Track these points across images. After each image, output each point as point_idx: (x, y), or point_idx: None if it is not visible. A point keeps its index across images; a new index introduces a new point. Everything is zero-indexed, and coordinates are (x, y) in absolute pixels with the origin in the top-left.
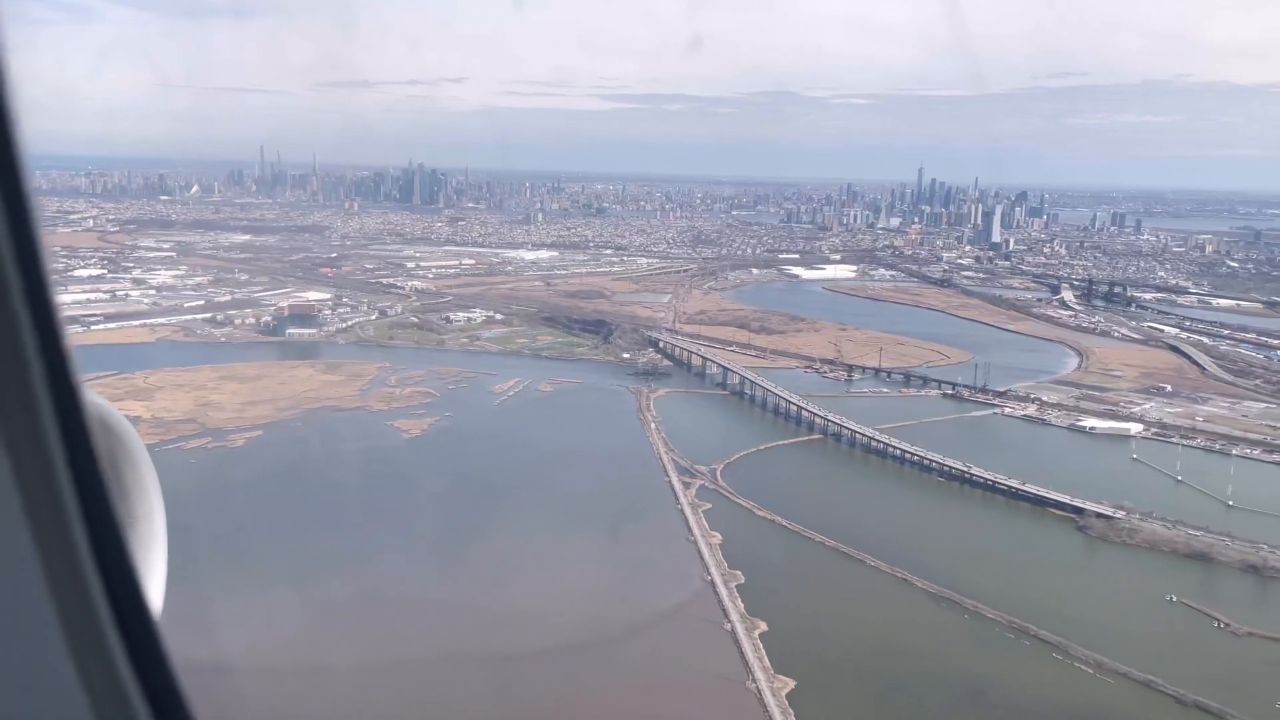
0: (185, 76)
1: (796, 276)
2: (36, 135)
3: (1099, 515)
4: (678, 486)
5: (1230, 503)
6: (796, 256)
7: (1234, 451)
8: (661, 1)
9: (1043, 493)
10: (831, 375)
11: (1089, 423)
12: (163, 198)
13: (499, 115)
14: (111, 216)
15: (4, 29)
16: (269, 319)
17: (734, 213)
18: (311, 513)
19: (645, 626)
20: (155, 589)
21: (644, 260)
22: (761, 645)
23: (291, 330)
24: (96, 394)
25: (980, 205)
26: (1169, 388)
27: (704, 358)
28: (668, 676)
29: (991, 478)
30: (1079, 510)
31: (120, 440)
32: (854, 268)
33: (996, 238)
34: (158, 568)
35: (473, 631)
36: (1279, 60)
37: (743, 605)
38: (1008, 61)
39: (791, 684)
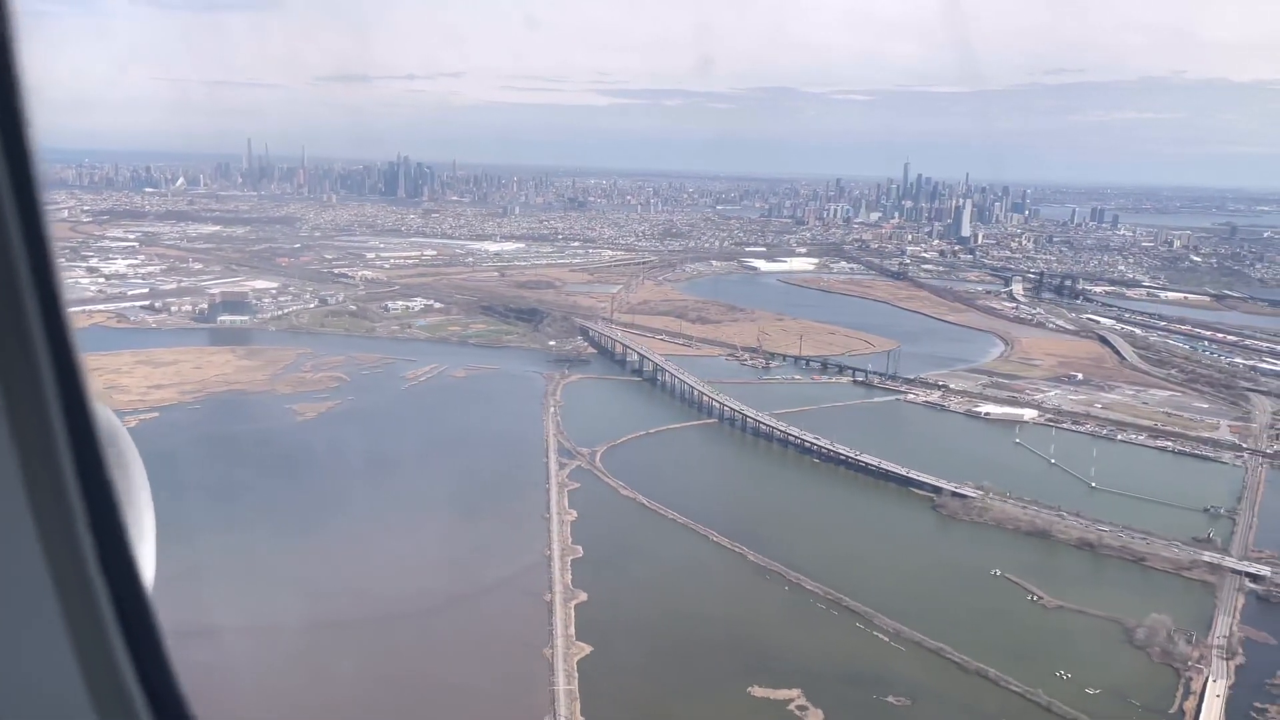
0: (183, 70)
1: (756, 269)
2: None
3: (955, 494)
4: (553, 467)
5: (1093, 484)
6: (763, 250)
7: (1118, 437)
8: None
9: (907, 473)
10: (751, 362)
11: (985, 409)
12: (148, 190)
13: (499, 110)
14: (87, 207)
15: (16, 24)
16: (203, 306)
17: (719, 207)
18: (168, 491)
19: (468, 598)
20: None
21: (609, 253)
22: (573, 614)
23: (223, 317)
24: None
25: (962, 201)
26: (1080, 376)
27: (625, 345)
28: (470, 644)
29: (862, 458)
30: (938, 490)
31: (112, 441)
32: (815, 261)
33: (966, 232)
34: (147, 567)
35: (294, 602)
36: (1277, 57)
37: (570, 578)
38: (1007, 58)
39: (588, 649)
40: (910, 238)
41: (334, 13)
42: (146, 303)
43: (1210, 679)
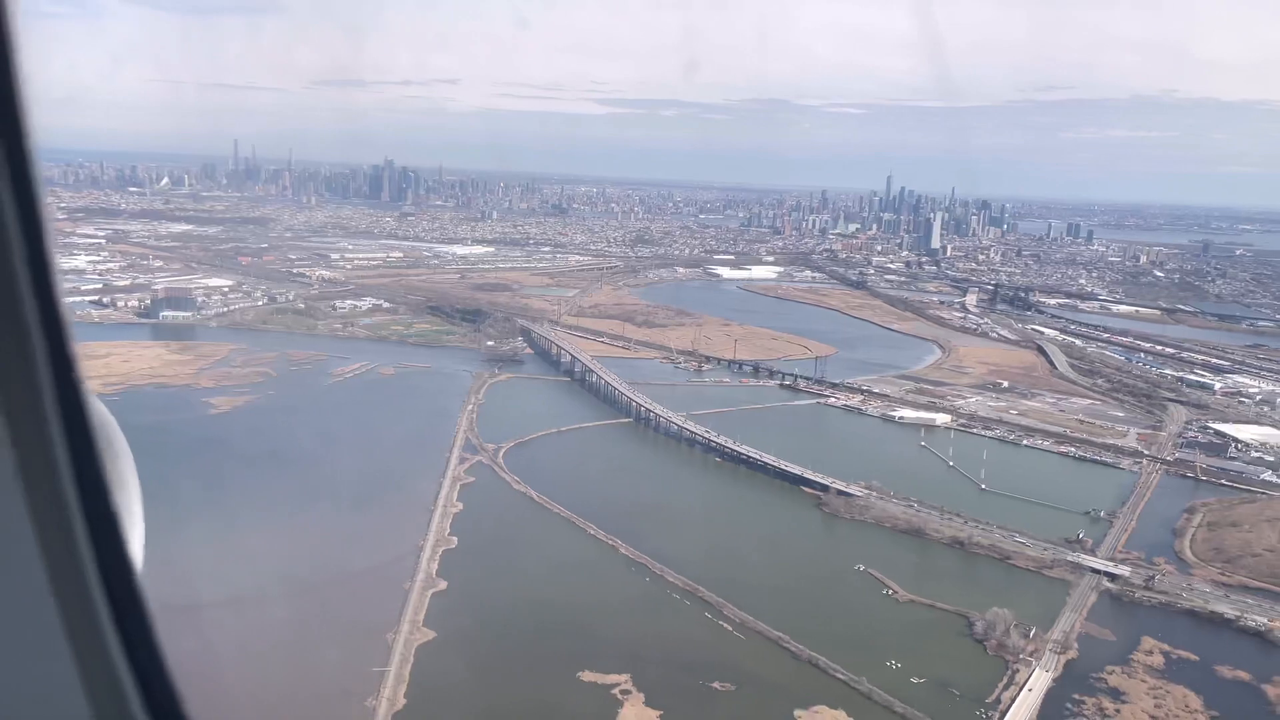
0: (178, 72)
1: (718, 276)
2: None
3: (841, 493)
4: (454, 462)
5: (983, 486)
6: (731, 258)
7: (1024, 442)
8: (656, 8)
9: (800, 472)
10: (685, 365)
11: (900, 413)
12: (131, 189)
13: (495, 117)
14: (64, 204)
15: (16, 25)
16: (146, 302)
17: (701, 216)
18: None
19: (328, 585)
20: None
21: (577, 258)
22: (427, 602)
23: (166, 313)
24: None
25: (933, 214)
26: (1006, 384)
27: (559, 347)
28: (314, 629)
29: (762, 458)
30: (825, 488)
31: (103, 434)
32: (780, 269)
33: (936, 244)
34: (136, 560)
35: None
36: (1266, 77)
37: (436, 567)
38: (999, 75)
39: (431, 635)
40: (880, 249)
41: (330, 17)
42: (96, 298)
43: (1037, 671)
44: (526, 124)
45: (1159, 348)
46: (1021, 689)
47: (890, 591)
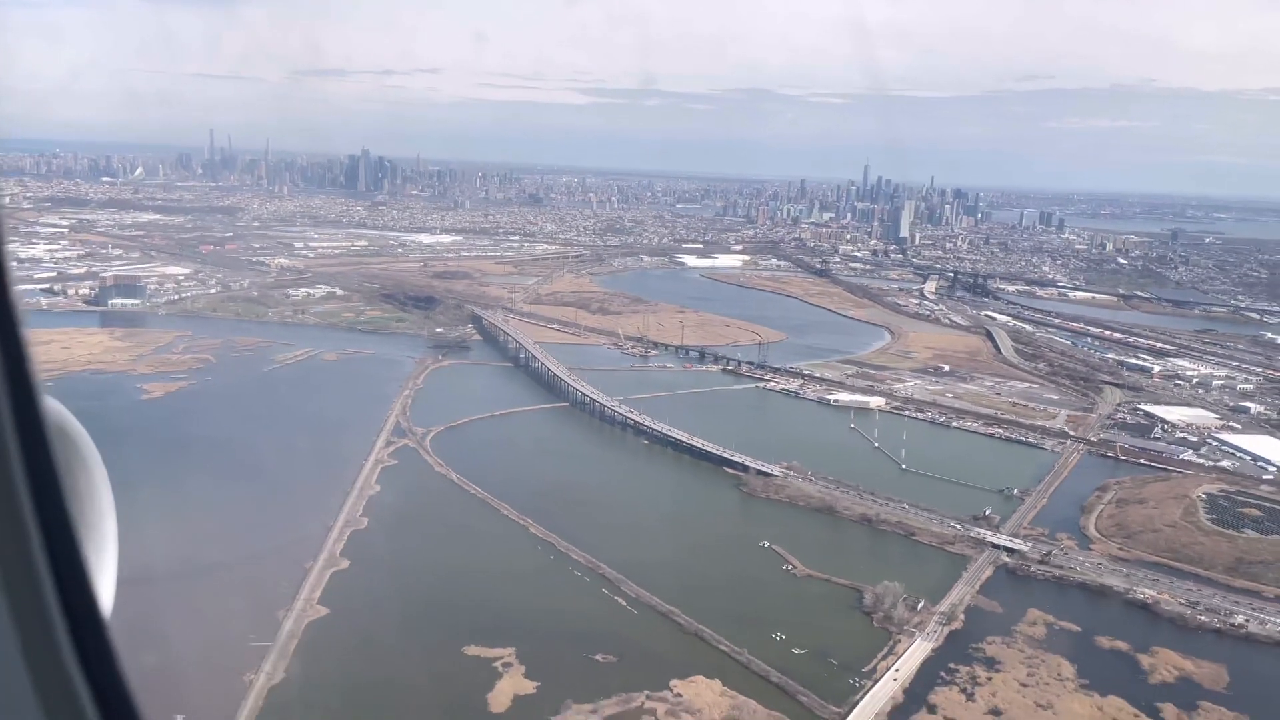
0: (158, 62)
1: (683, 264)
2: (7, 120)
3: (760, 473)
4: (379, 446)
5: (904, 466)
6: (700, 246)
7: (953, 424)
8: None
9: (723, 453)
10: (631, 351)
11: (835, 396)
12: (105, 179)
13: (479, 107)
14: (31, 194)
15: None
16: (96, 290)
17: (678, 205)
18: None
19: (231, 566)
20: (105, 594)
21: (544, 246)
22: (325, 581)
23: (115, 300)
24: (52, 399)
25: (910, 203)
26: (947, 368)
27: (505, 332)
28: (208, 608)
29: (690, 441)
30: (745, 468)
31: (73, 445)
32: (746, 258)
33: (905, 232)
34: (108, 573)
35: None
36: (1246, 67)
37: (341, 547)
38: (979, 64)
39: (324, 612)
40: (849, 237)
41: (311, 7)
42: (48, 286)
43: (919, 642)
44: (511, 115)
45: (1107, 333)
46: (899, 659)
47: (790, 567)
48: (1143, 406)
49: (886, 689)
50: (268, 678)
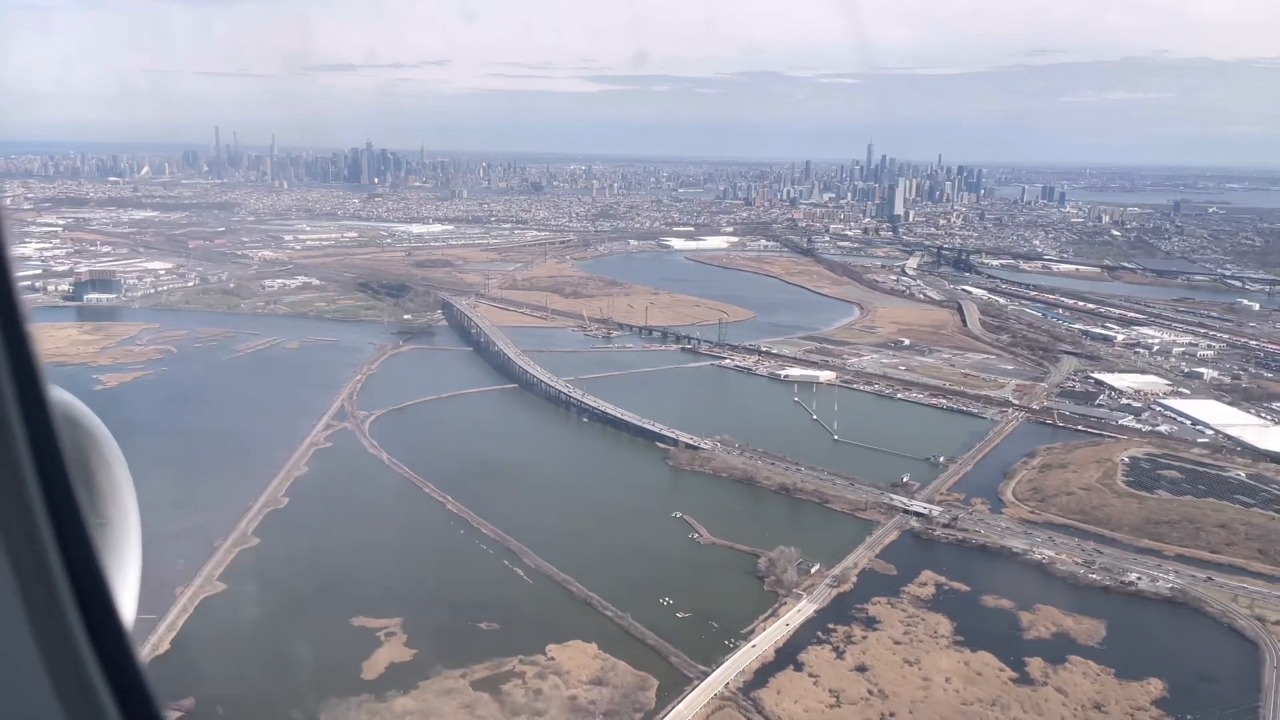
0: (170, 61)
1: (669, 247)
2: (20, 123)
3: (688, 446)
4: (318, 429)
5: (836, 437)
6: (690, 229)
7: (898, 396)
8: None
9: (653, 427)
10: (595, 333)
11: (786, 371)
12: (111, 178)
13: (489, 98)
14: (32, 194)
15: None
16: (72, 286)
17: (679, 190)
18: None
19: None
20: (128, 590)
21: (533, 233)
22: (232, 559)
23: (90, 295)
24: (68, 395)
25: (906, 181)
26: (907, 342)
27: (469, 318)
28: None
29: (625, 417)
30: (675, 442)
31: (93, 441)
32: (734, 239)
33: (899, 210)
34: (131, 569)
35: None
36: (1260, 35)
37: (254, 526)
38: (989, 40)
39: (222, 588)
40: (843, 216)
41: (319, 4)
42: (29, 283)
43: (804, 604)
44: (517, 104)
45: (1079, 304)
46: (779, 621)
47: (696, 535)
48: (1094, 375)
49: (758, 649)
50: (153, 649)
